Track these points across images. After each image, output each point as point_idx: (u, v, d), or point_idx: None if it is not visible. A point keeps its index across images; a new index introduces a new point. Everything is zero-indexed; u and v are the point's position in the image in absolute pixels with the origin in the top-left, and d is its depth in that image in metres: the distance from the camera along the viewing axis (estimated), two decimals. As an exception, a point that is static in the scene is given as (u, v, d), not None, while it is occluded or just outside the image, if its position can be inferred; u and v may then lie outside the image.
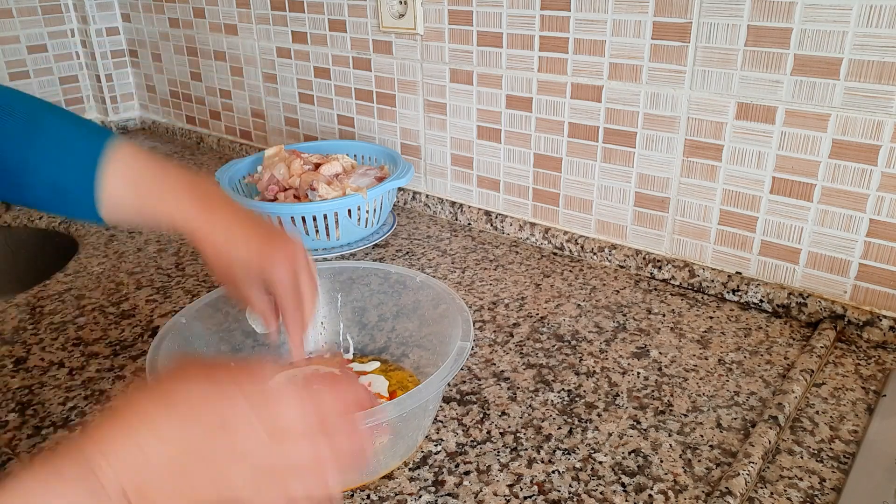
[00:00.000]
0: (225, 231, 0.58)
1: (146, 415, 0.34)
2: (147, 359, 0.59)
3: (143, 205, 0.58)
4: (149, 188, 0.57)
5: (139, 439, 0.33)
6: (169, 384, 0.36)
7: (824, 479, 0.59)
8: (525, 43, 0.96)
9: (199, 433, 0.34)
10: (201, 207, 0.57)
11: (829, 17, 0.72)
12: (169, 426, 0.34)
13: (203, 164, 1.50)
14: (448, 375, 0.56)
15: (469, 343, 0.61)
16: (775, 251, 0.83)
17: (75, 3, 1.66)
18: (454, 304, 0.67)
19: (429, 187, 1.18)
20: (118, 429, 0.34)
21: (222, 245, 0.57)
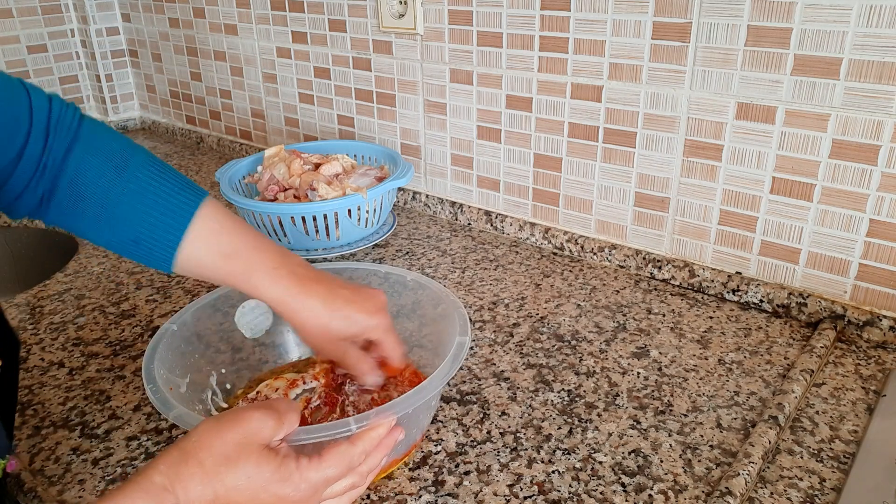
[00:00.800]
0: (320, 306, 0.58)
1: (218, 470, 0.44)
2: (143, 368, 0.58)
3: (228, 275, 0.58)
4: (235, 262, 0.58)
5: (215, 485, 0.43)
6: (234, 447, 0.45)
7: (824, 479, 0.59)
8: (525, 43, 0.96)
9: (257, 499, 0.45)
10: (291, 285, 0.58)
11: (829, 17, 0.72)
12: (235, 483, 0.44)
13: (203, 164, 1.50)
14: (449, 373, 0.57)
15: (467, 338, 0.61)
16: (775, 251, 0.83)
17: (75, 3, 1.66)
18: (449, 302, 0.67)
19: (429, 187, 1.18)
20: (194, 471, 0.43)
21: (318, 320, 0.59)
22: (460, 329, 0.62)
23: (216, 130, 1.60)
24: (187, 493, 0.43)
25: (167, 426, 0.68)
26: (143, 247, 0.56)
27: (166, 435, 0.67)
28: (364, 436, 0.50)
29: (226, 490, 0.44)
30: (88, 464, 0.63)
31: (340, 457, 0.48)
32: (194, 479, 0.43)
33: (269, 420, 0.47)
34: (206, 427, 0.46)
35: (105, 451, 0.65)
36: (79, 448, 0.65)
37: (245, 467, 0.45)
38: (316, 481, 0.47)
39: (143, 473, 0.43)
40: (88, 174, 0.55)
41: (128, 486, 0.42)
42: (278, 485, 0.46)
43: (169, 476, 0.43)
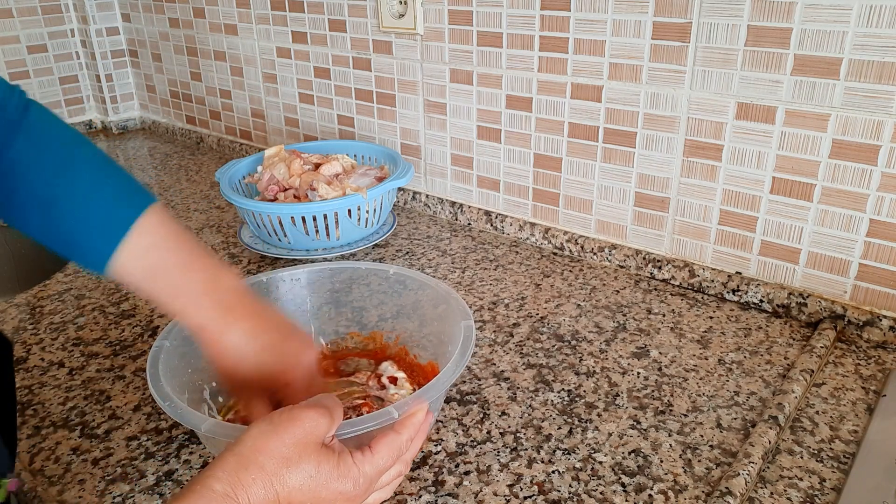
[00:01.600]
0: (242, 341, 0.57)
1: (279, 472, 0.44)
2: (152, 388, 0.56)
3: (156, 295, 0.55)
4: (163, 283, 0.55)
5: (277, 487, 0.44)
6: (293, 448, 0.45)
7: (824, 479, 0.59)
8: (525, 43, 0.96)
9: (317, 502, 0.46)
10: (216, 315, 0.56)
11: (829, 17, 0.72)
12: (298, 483, 0.44)
13: (203, 164, 1.50)
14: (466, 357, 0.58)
15: (471, 321, 0.62)
16: (775, 251, 0.83)
17: (75, 3, 1.66)
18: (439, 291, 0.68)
19: (429, 187, 1.18)
20: (255, 475, 0.43)
21: (237, 352, 0.57)
22: (462, 315, 0.63)
23: (216, 130, 1.60)
24: (249, 497, 0.43)
25: (167, 426, 0.68)
26: (76, 248, 0.54)
27: (166, 435, 0.67)
28: (407, 423, 0.50)
29: (287, 491, 0.44)
30: (88, 464, 0.63)
31: (390, 447, 0.49)
32: (256, 483, 0.43)
33: (323, 418, 0.47)
34: (261, 430, 0.45)
35: (105, 451, 0.65)
36: (79, 448, 0.65)
37: (306, 467, 0.45)
38: (371, 474, 0.48)
39: (200, 482, 0.42)
40: (26, 169, 0.52)
41: (187, 496, 0.41)
42: (339, 482, 0.46)
43: (231, 483, 0.42)
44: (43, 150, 0.52)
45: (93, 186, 0.54)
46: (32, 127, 0.53)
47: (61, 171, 0.52)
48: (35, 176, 0.52)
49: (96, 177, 0.54)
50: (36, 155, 0.52)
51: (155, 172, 1.46)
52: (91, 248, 0.53)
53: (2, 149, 0.51)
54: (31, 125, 0.53)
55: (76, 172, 0.53)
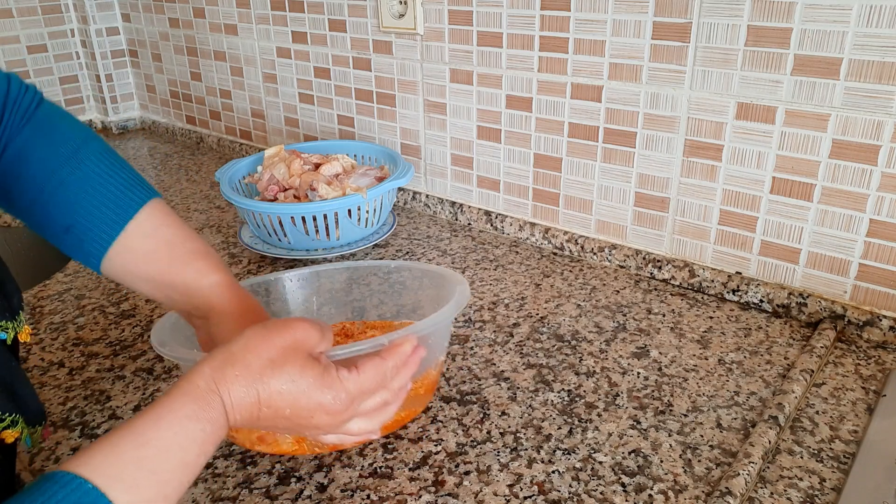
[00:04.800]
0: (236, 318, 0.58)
1: (262, 373, 0.45)
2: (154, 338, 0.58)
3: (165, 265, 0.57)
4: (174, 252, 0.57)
5: (258, 387, 0.44)
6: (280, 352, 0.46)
7: (824, 479, 0.59)
8: (525, 43, 0.96)
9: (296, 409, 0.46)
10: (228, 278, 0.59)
11: (829, 17, 0.72)
12: (279, 387, 0.45)
13: (203, 164, 1.50)
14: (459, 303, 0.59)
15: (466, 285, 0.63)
16: (775, 251, 0.83)
17: (75, 3, 1.66)
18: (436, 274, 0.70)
19: (429, 187, 1.18)
20: (239, 373, 0.44)
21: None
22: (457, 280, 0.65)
23: (216, 130, 1.60)
24: (230, 394, 0.44)
25: (167, 426, 0.68)
26: (74, 236, 0.55)
27: (166, 435, 0.67)
28: (393, 351, 0.51)
29: (268, 393, 0.45)
30: (88, 464, 0.63)
31: (375, 369, 0.49)
32: (238, 380, 0.44)
33: (314, 330, 0.48)
34: (254, 332, 0.47)
35: (105, 451, 0.65)
36: (79, 448, 0.65)
37: (290, 372, 0.46)
38: (353, 391, 0.48)
39: (186, 379, 0.43)
40: (32, 155, 0.53)
41: (173, 392, 0.43)
42: (319, 391, 0.47)
43: (214, 378, 0.44)
44: (50, 141, 0.54)
45: (97, 173, 0.55)
46: (42, 120, 0.54)
47: (67, 161, 0.54)
48: (40, 164, 0.53)
49: (101, 169, 0.56)
50: (43, 145, 0.54)
51: (155, 172, 1.46)
52: (92, 232, 0.55)
53: (12, 137, 0.53)
54: (41, 118, 0.54)
55: (82, 163, 0.55)
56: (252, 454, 0.64)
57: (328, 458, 0.63)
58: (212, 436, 0.42)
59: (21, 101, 0.54)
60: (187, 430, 0.41)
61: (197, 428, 0.42)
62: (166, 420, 0.41)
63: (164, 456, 0.40)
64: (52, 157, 0.54)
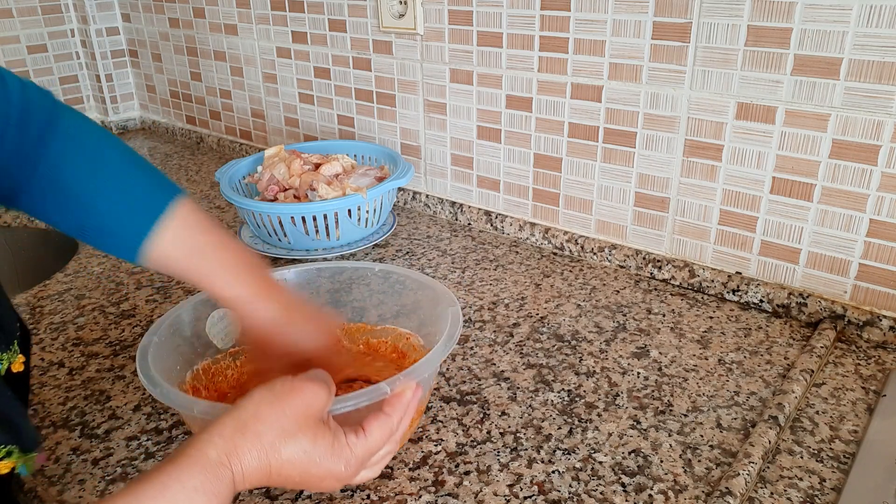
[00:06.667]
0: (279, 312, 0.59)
1: (275, 443, 0.44)
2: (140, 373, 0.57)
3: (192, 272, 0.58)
4: (201, 260, 0.57)
5: (271, 458, 0.44)
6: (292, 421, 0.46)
7: (824, 479, 0.59)
8: (525, 43, 0.96)
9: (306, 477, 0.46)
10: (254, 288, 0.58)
11: (829, 17, 0.72)
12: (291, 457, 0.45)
13: (203, 164, 1.50)
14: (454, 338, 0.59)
15: (458, 307, 0.63)
16: (775, 251, 0.83)
17: (75, 3, 1.66)
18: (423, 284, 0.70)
19: (429, 187, 1.18)
20: (252, 444, 0.44)
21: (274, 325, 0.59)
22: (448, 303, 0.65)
23: (216, 130, 1.60)
24: (242, 465, 0.43)
25: (167, 426, 0.68)
26: (107, 237, 0.56)
27: (166, 435, 0.67)
28: (396, 404, 0.51)
29: (279, 463, 0.45)
30: (88, 464, 0.63)
31: (382, 429, 0.49)
32: (252, 452, 0.43)
33: (322, 392, 0.48)
34: (262, 398, 0.46)
35: (105, 451, 0.65)
36: (79, 448, 0.65)
37: (302, 442, 0.45)
38: (363, 456, 0.48)
39: (195, 447, 0.42)
40: (62, 164, 0.53)
41: (181, 460, 0.41)
42: (331, 461, 0.47)
43: (226, 450, 0.43)
44: (76, 151, 0.54)
45: (124, 181, 0.56)
46: (66, 129, 0.55)
47: (94, 169, 0.55)
48: (70, 175, 0.54)
49: (126, 172, 0.56)
50: (71, 156, 0.54)
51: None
52: (125, 232, 0.55)
53: (40, 150, 0.53)
54: (65, 128, 0.55)
55: (107, 169, 0.55)
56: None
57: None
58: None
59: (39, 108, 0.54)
60: (192, 502, 0.40)
61: (202, 501, 0.41)
62: (172, 490, 0.40)
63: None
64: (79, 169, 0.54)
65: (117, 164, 0.56)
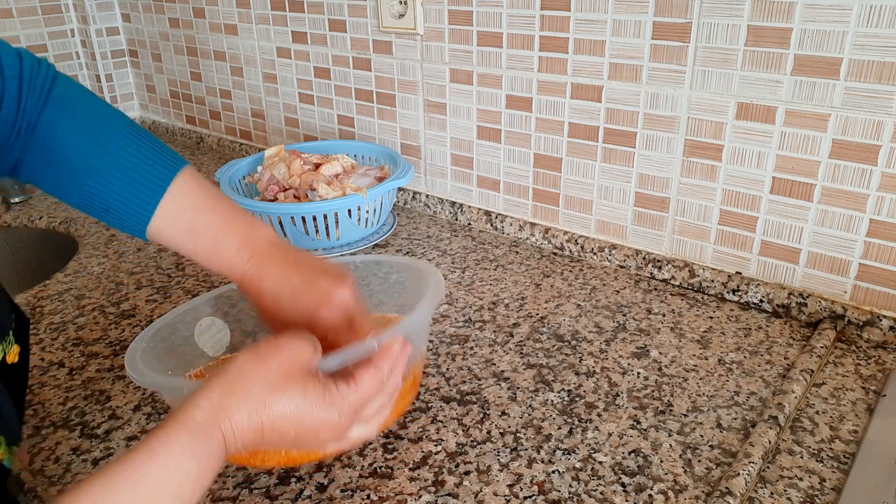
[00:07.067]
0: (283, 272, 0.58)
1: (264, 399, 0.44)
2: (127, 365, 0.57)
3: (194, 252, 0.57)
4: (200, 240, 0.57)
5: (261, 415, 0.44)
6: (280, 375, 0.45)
7: (824, 479, 0.59)
8: (525, 43, 0.96)
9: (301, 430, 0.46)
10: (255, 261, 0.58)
11: (829, 17, 0.72)
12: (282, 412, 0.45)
13: (203, 164, 1.50)
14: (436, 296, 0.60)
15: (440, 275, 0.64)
16: (775, 251, 0.83)
17: (75, 3, 1.66)
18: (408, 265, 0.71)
19: (429, 187, 1.18)
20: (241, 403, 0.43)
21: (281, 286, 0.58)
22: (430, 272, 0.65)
23: (216, 130, 1.60)
24: (232, 424, 0.43)
25: (167, 426, 0.68)
26: (113, 216, 0.56)
27: (166, 435, 0.67)
28: (384, 356, 0.51)
29: (272, 419, 0.44)
30: (88, 464, 0.63)
31: (371, 378, 0.49)
32: (241, 410, 0.43)
33: (307, 347, 0.48)
34: (247, 358, 0.46)
35: (105, 451, 0.65)
36: (79, 448, 0.65)
37: (292, 395, 0.45)
38: (355, 404, 0.48)
39: (182, 412, 0.42)
40: (60, 139, 0.53)
41: (169, 425, 0.41)
42: (323, 410, 0.46)
43: (213, 410, 0.43)
44: (73, 121, 0.54)
45: (125, 153, 0.55)
46: (60, 99, 0.54)
47: (93, 139, 0.54)
48: (69, 146, 0.53)
49: (127, 143, 0.55)
50: (67, 125, 0.53)
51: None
52: (129, 214, 0.55)
53: (31, 119, 0.52)
54: (59, 96, 0.54)
55: (107, 140, 0.55)
56: (252, 454, 0.64)
57: (328, 458, 0.63)
58: (208, 470, 0.42)
59: (35, 80, 0.53)
60: (182, 466, 0.40)
61: (193, 463, 0.41)
62: (161, 456, 0.40)
63: (159, 493, 0.39)
64: (78, 139, 0.53)
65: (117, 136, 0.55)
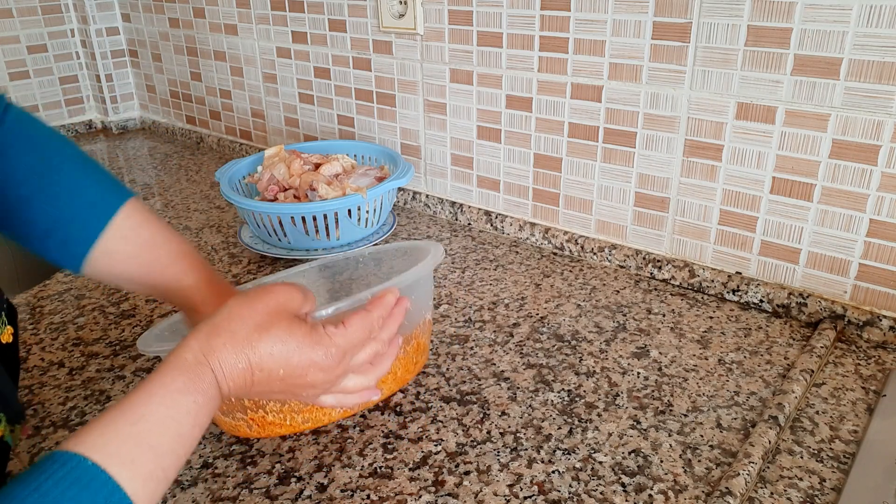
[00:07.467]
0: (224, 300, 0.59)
1: (250, 338, 0.45)
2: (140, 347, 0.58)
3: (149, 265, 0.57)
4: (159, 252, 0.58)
5: (248, 353, 0.45)
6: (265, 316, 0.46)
7: (824, 479, 0.59)
8: (525, 43, 0.96)
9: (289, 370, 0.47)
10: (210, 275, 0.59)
11: (829, 17, 0.72)
12: (269, 349, 0.45)
13: (203, 164, 1.50)
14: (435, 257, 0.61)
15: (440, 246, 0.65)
16: (775, 251, 0.83)
17: (75, 3, 1.66)
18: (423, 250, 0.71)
19: (429, 187, 1.18)
20: (226, 341, 0.44)
21: None
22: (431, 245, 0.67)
23: (216, 130, 1.60)
24: (221, 363, 0.44)
25: (167, 426, 0.68)
26: (55, 240, 0.54)
27: (166, 435, 0.67)
28: (377, 302, 0.51)
29: (258, 357, 0.45)
30: (88, 464, 0.63)
31: (361, 321, 0.50)
32: (226, 348, 0.44)
33: (296, 292, 0.48)
34: (236, 301, 0.47)
35: (105, 451, 0.65)
36: (79, 448, 0.65)
37: (277, 333, 0.46)
38: (343, 345, 0.49)
39: (174, 354, 0.44)
40: (5, 164, 0.53)
41: (162, 368, 0.43)
42: (309, 349, 0.47)
43: (202, 350, 0.44)
44: (23, 149, 0.53)
45: (73, 182, 0.55)
46: (12, 127, 0.53)
47: (41, 167, 0.53)
48: (14, 174, 0.53)
49: (76, 173, 0.55)
50: (17, 153, 0.53)
51: (155, 172, 1.46)
52: (71, 241, 0.54)
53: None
54: (11, 125, 0.53)
55: (57, 168, 0.54)
56: (252, 454, 0.64)
57: (328, 458, 0.63)
58: (204, 407, 0.43)
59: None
60: (179, 404, 0.41)
61: (189, 400, 0.42)
62: (158, 395, 0.41)
63: (159, 430, 0.40)
64: (26, 166, 0.53)
65: (67, 165, 0.55)
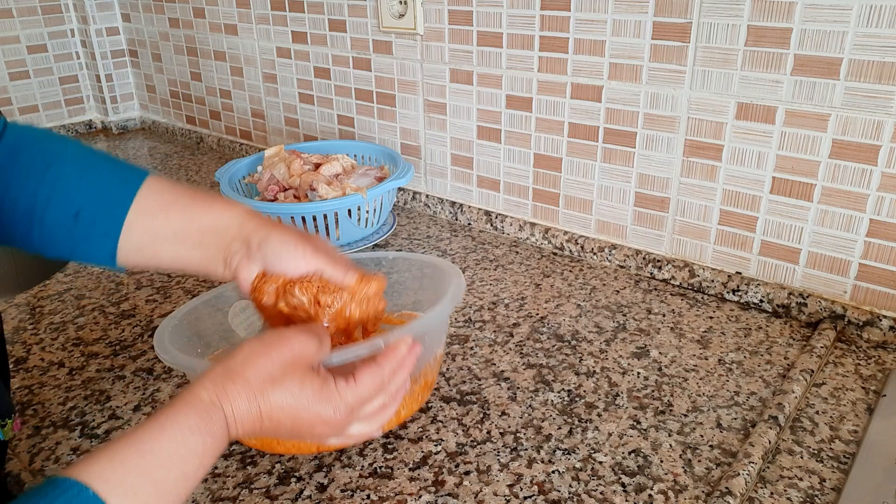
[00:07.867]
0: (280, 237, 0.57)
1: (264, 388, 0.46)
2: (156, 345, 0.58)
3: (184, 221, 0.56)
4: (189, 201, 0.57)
5: (260, 403, 0.45)
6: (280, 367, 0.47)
7: (824, 479, 0.59)
8: (525, 43, 0.96)
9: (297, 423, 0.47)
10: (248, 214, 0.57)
11: (829, 17, 0.72)
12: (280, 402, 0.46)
13: (203, 164, 1.50)
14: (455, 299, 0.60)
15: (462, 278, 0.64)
16: (775, 251, 0.83)
17: (75, 3, 1.66)
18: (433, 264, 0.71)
19: (429, 187, 1.18)
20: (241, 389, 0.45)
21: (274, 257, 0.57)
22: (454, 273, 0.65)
23: (216, 130, 1.60)
24: (234, 409, 0.44)
25: (167, 426, 0.68)
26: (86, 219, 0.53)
27: (166, 435, 0.67)
28: (389, 355, 0.51)
29: (269, 407, 0.46)
30: (88, 464, 0.63)
31: (372, 377, 0.50)
32: (241, 396, 0.45)
33: (312, 342, 0.49)
34: (252, 347, 0.47)
35: (105, 451, 0.65)
36: (79, 448, 0.65)
37: (290, 387, 0.46)
38: (352, 402, 0.49)
39: (189, 391, 0.44)
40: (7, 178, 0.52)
41: (177, 403, 0.43)
42: (320, 405, 0.48)
43: (217, 392, 0.44)
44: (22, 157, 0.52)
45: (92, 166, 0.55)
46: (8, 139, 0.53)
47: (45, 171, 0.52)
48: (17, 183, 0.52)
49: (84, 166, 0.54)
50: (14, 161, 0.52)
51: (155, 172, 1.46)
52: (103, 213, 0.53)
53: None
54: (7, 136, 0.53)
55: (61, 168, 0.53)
56: (252, 454, 0.64)
57: (328, 458, 0.63)
58: (211, 448, 0.43)
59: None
60: (189, 442, 0.42)
61: (198, 441, 0.42)
62: (169, 430, 0.41)
63: (165, 466, 0.40)
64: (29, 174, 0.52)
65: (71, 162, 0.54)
